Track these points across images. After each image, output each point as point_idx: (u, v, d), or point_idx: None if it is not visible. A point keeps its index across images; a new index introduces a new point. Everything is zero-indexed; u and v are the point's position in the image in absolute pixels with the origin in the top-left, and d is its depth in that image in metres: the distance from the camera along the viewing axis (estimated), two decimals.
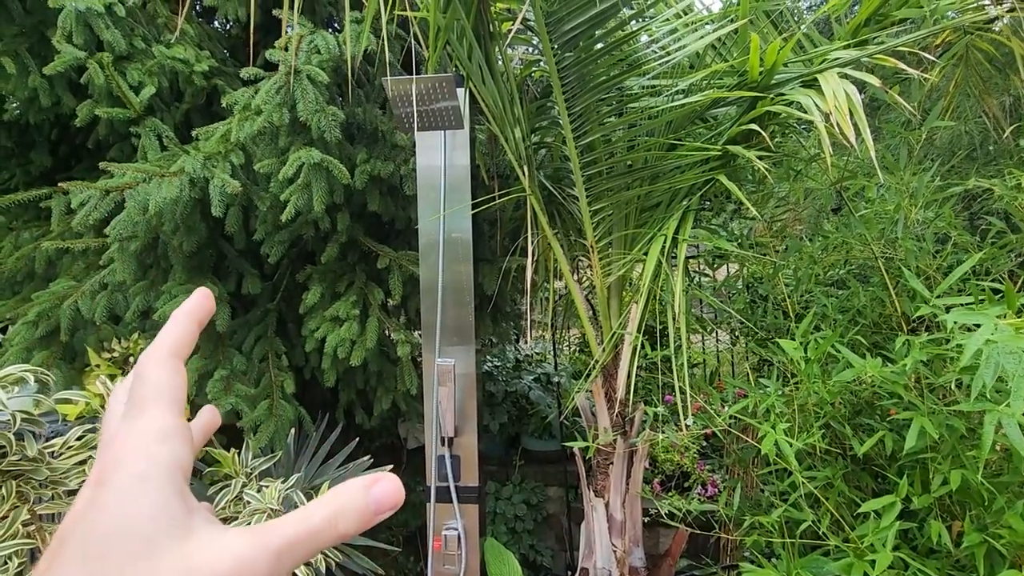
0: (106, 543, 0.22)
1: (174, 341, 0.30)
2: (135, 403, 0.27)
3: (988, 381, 0.86)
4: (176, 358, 0.29)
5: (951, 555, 1.32)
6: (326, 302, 2.16)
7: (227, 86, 2.32)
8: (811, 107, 1.28)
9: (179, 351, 0.29)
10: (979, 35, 2.05)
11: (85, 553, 0.22)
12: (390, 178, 2.06)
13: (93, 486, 0.24)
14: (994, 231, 1.71)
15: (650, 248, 1.54)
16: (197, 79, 2.25)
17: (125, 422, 0.26)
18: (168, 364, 0.28)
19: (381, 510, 0.27)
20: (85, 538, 0.22)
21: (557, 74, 1.47)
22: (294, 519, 0.26)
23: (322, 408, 2.63)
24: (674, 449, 3.50)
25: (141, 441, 0.25)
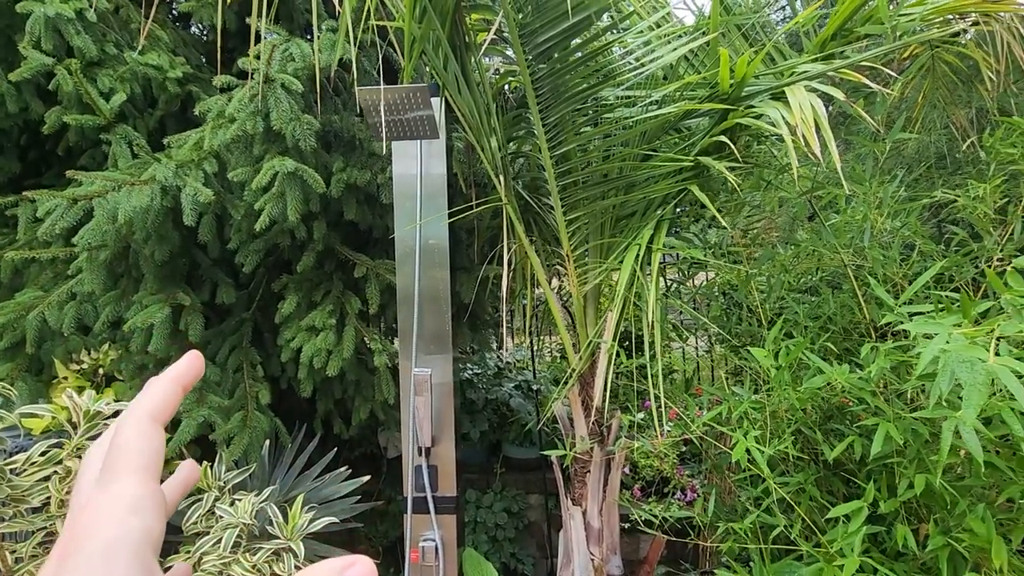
0: None
1: (154, 405, 0.29)
2: (109, 468, 0.26)
3: (944, 389, 0.88)
4: (155, 422, 0.29)
5: (917, 558, 1.34)
6: (302, 311, 2.14)
7: (203, 92, 2.29)
8: (779, 120, 1.30)
9: (159, 415, 0.29)
10: (944, 48, 2.11)
11: None
12: (367, 186, 2.05)
13: (58, 560, 0.24)
14: (957, 240, 1.76)
15: (625, 257, 1.55)
16: (171, 85, 2.23)
17: (98, 488, 0.26)
18: (146, 428, 0.28)
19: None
20: None
21: (531, 85, 1.48)
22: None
23: (299, 419, 2.59)
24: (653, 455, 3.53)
25: (112, 511, 0.25)
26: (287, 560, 1.65)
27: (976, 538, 1.10)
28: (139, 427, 0.28)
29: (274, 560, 1.65)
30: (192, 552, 1.63)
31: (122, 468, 0.26)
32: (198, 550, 1.62)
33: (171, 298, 1.99)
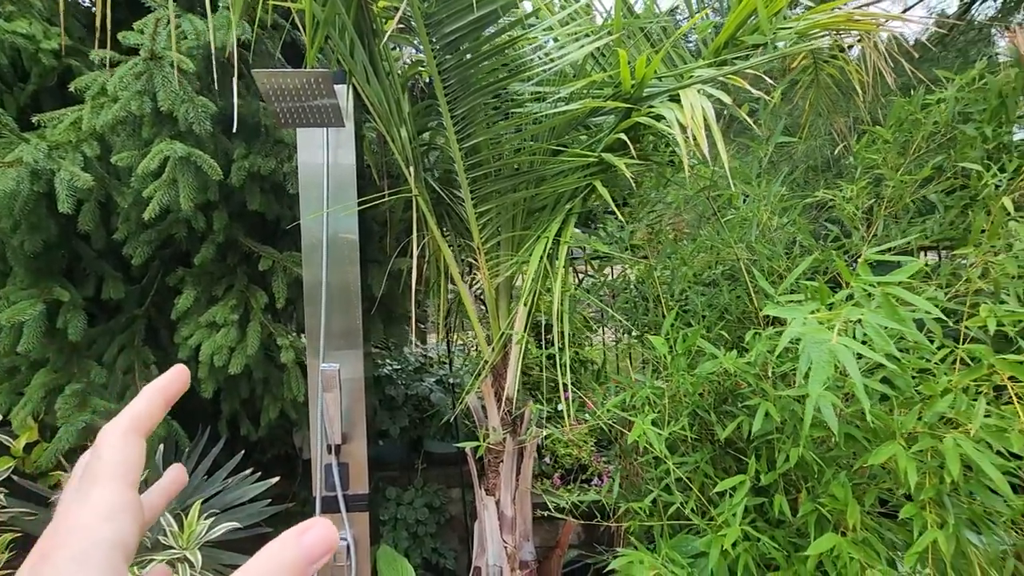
0: None
1: (136, 416, 0.30)
2: (88, 477, 0.27)
3: (803, 368, 0.98)
4: (136, 433, 0.30)
5: (792, 524, 1.47)
6: (201, 307, 2.01)
7: (84, 67, 2.09)
8: (672, 120, 1.38)
9: (140, 426, 0.30)
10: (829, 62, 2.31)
11: None
12: (272, 175, 1.96)
13: (34, 562, 0.25)
14: (832, 236, 1.94)
15: (533, 250, 1.58)
16: (45, 58, 2.02)
17: (77, 496, 0.27)
18: (126, 439, 0.29)
19: (314, 558, 0.26)
20: None
21: (439, 76, 1.47)
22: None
23: (203, 421, 2.44)
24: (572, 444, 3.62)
25: (87, 518, 0.26)
26: (182, 571, 1.55)
27: (836, 502, 1.22)
28: (119, 438, 0.29)
29: None
30: None
31: (100, 477, 0.27)
32: None
33: (45, 293, 1.80)
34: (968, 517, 1.05)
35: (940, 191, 1.91)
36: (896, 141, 1.90)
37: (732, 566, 1.47)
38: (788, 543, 1.49)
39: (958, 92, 1.83)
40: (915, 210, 2.04)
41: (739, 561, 1.43)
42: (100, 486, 0.27)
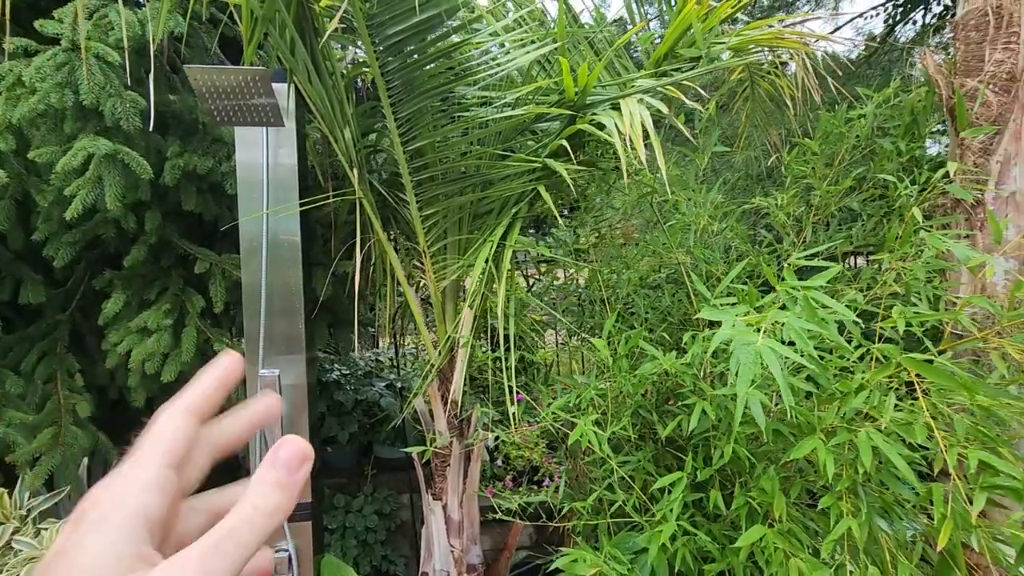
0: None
1: (192, 399, 0.31)
2: (134, 451, 0.28)
3: (734, 368, 1.02)
4: (188, 415, 0.30)
5: (726, 517, 1.53)
6: (132, 311, 1.91)
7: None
8: (612, 127, 1.41)
9: (195, 408, 0.31)
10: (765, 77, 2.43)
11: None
12: (209, 174, 1.88)
13: (70, 525, 0.25)
14: (766, 242, 2.04)
15: (479, 253, 1.59)
16: None
17: (122, 468, 0.27)
18: (177, 419, 0.30)
19: (294, 470, 0.28)
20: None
21: (382, 77, 1.45)
22: (204, 538, 0.26)
23: (136, 432, 2.32)
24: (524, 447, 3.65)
25: (120, 488, 0.26)
26: None
27: (765, 495, 1.28)
28: (169, 417, 0.30)
29: None
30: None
31: (144, 453, 0.28)
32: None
33: None
34: (880, 505, 1.13)
35: (862, 200, 2.04)
36: (823, 153, 2.02)
37: (672, 560, 1.52)
38: (723, 536, 1.55)
39: (876, 108, 1.95)
40: (840, 218, 2.17)
41: (677, 555, 1.48)
42: (139, 461, 0.27)
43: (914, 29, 5.12)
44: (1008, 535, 0.83)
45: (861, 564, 1.01)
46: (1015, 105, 1.64)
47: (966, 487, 0.92)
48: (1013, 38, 1.66)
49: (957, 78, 1.73)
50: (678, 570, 1.53)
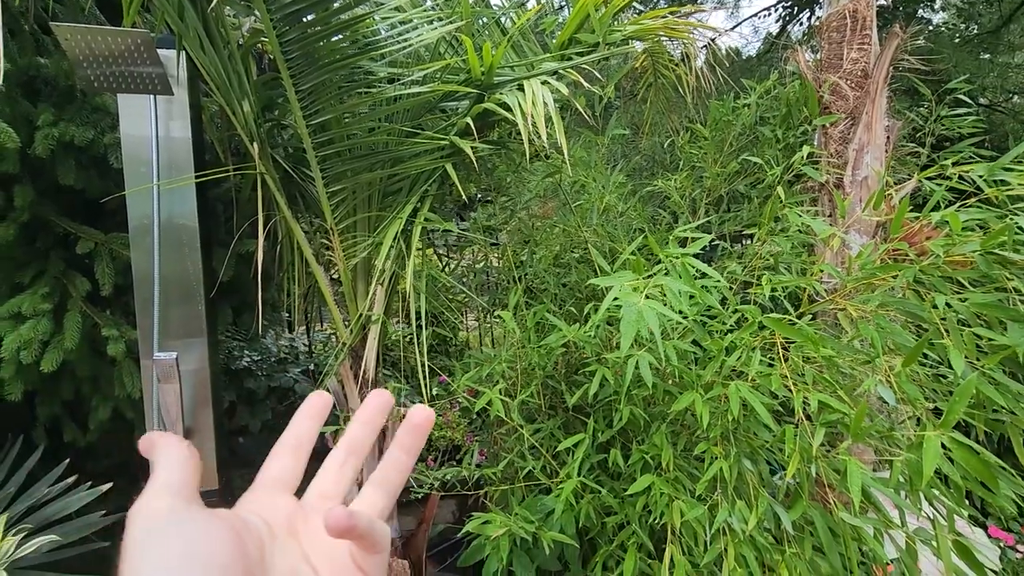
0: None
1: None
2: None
3: (624, 331, 1.11)
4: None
5: (626, 474, 1.66)
6: (2, 296, 1.74)
7: None
8: (516, 106, 1.46)
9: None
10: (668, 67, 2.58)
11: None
12: (91, 147, 1.74)
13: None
14: (664, 221, 2.19)
15: (387, 231, 1.59)
16: None
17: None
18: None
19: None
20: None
21: (279, 48, 1.41)
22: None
23: (14, 430, 2.11)
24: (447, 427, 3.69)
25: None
26: None
27: (656, 448, 1.41)
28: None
29: None
30: None
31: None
32: None
33: None
34: (748, 450, 1.28)
35: (748, 184, 2.24)
36: (713, 139, 2.19)
37: (577, 517, 1.63)
38: (622, 491, 1.68)
39: (758, 99, 2.15)
40: (731, 199, 2.36)
41: (581, 512, 1.59)
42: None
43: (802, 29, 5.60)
44: (840, 462, 0.98)
45: (730, 500, 1.15)
46: (867, 99, 1.87)
47: (811, 426, 1.07)
48: (866, 39, 1.88)
49: (822, 73, 1.94)
50: (582, 525, 1.64)
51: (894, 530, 1.04)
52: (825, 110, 1.96)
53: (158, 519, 0.25)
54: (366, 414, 0.36)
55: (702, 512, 1.17)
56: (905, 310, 1.08)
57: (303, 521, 0.31)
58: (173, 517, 0.26)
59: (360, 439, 0.35)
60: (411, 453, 0.35)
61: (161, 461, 0.29)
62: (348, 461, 0.35)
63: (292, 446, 0.35)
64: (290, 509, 0.31)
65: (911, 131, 2.67)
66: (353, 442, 0.35)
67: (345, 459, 0.35)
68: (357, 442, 0.35)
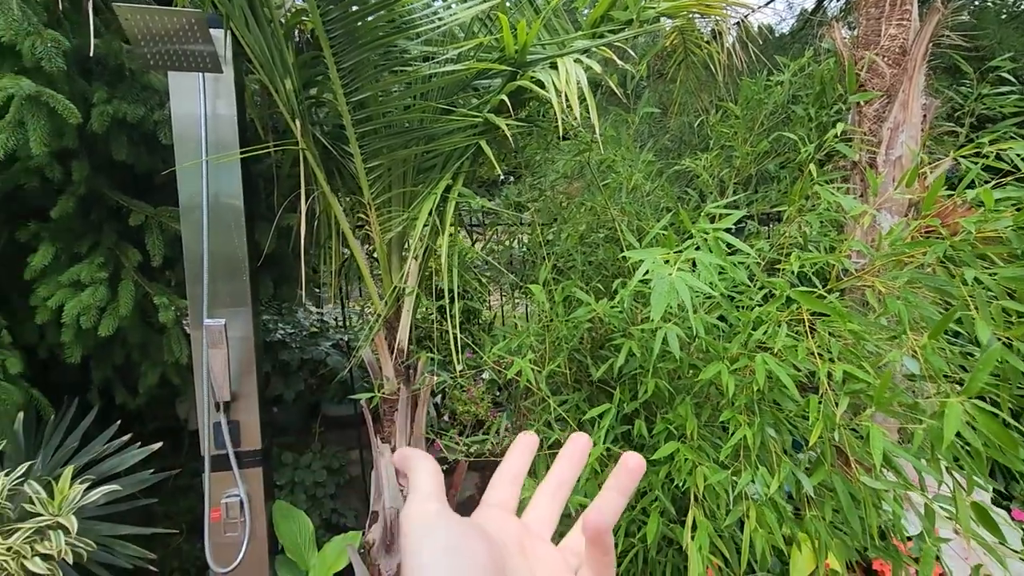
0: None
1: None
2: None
3: (655, 303, 1.16)
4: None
5: (650, 445, 1.71)
6: (62, 265, 1.85)
7: None
8: (549, 84, 1.49)
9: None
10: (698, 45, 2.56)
11: None
12: (141, 124, 1.83)
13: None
14: (691, 200, 2.20)
15: (422, 205, 1.65)
16: None
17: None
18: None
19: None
20: None
21: (323, 27, 1.46)
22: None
23: (71, 392, 2.26)
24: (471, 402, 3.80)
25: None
26: (55, 538, 1.48)
27: (680, 418, 1.46)
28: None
29: (37, 540, 1.47)
30: None
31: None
32: None
33: None
34: (772, 420, 1.32)
35: (777, 164, 2.23)
36: (744, 118, 2.19)
37: (601, 484, 1.69)
38: (647, 461, 1.74)
39: (791, 77, 2.13)
40: (760, 179, 2.36)
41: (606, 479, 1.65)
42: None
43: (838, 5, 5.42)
44: (863, 428, 1.01)
45: (753, 466, 1.20)
46: (904, 77, 1.85)
47: (835, 396, 1.10)
48: (906, 15, 1.85)
49: (858, 50, 1.91)
50: None
51: (914, 493, 1.07)
52: (860, 88, 1.93)
53: (430, 519, 0.31)
54: (571, 452, 0.40)
55: (725, 477, 1.22)
56: (934, 286, 1.10)
57: (529, 542, 0.35)
58: (442, 518, 0.31)
59: (567, 474, 0.40)
60: (624, 493, 0.37)
61: (420, 471, 0.35)
62: (558, 493, 0.39)
63: (510, 477, 0.39)
64: (519, 530, 0.36)
65: (951, 110, 2.61)
66: (562, 475, 0.39)
67: (555, 490, 0.39)
68: (565, 475, 0.39)
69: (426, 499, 0.33)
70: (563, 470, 0.40)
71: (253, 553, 1.80)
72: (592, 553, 0.33)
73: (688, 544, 1.23)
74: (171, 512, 2.93)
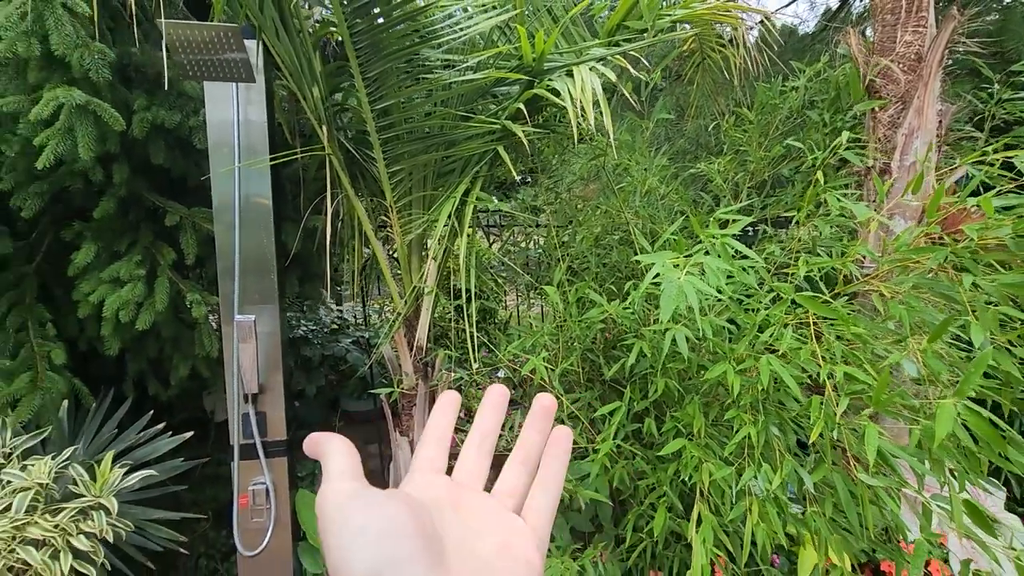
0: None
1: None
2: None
3: (664, 304, 1.21)
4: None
5: (659, 443, 1.76)
6: (102, 262, 1.96)
7: None
8: (565, 93, 1.55)
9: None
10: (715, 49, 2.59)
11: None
12: (177, 129, 1.93)
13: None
14: (705, 203, 2.23)
15: (442, 208, 1.72)
16: None
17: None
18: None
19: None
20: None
21: (350, 38, 1.54)
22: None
23: (106, 383, 2.38)
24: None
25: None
26: (97, 518, 1.59)
27: (688, 416, 1.50)
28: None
29: (81, 519, 1.58)
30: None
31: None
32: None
33: None
34: (776, 420, 1.36)
35: (791, 168, 2.25)
36: (759, 123, 2.21)
37: (611, 480, 1.75)
38: (655, 458, 1.79)
39: (807, 82, 2.15)
40: (774, 183, 2.38)
41: (615, 476, 1.70)
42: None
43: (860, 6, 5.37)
44: (861, 427, 1.05)
45: (757, 463, 1.24)
46: (920, 83, 1.86)
47: (837, 397, 1.14)
48: (922, 21, 1.86)
49: (873, 57, 1.93)
50: (615, 487, 1.75)
51: (909, 491, 1.11)
52: (875, 94, 1.95)
53: (345, 497, 0.30)
54: (492, 402, 0.40)
55: (729, 473, 1.26)
56: (937, 291, 1.13)
57: (459, 496, 0.35)
58: (357, 495, 0.30)
59: (490, 424, 0.40)
60: (544, 433, 0.40)
61: (331, 453, 0.33)
62: (484, 444, 0.39)
63: (436, 437, 0.39)
64: (449, 487, 0.36)
65: (972, 114, 2.60)
66: (485, 426, 0.39)
67: (481, 442, 0.39)
68: (488, 426, 0.40)
69: (338, 479, 0.31)
70: (486, 421, 0.40)
71: (277, 538, 1.89)
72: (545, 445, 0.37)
73: (693, 537, 1.27)
74: (198, 500, 3.06)
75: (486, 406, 0.40)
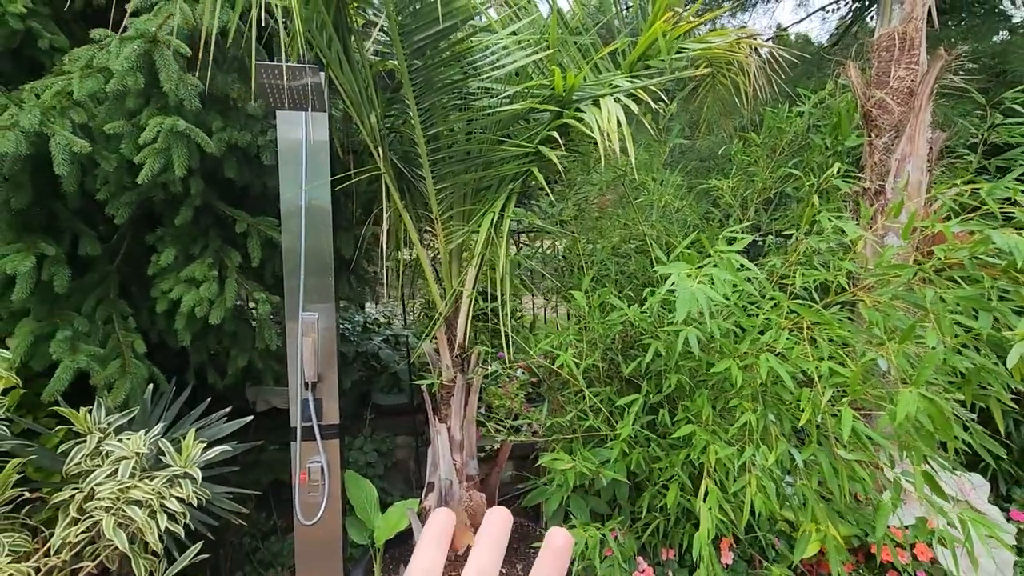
0: None
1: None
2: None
3: (678, 310, 1.43)
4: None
5: (672, 433, 1.98)
6: (180, 264, 2.23)
7: (44, 30, 2.19)
8: (592, 123, 1.78)
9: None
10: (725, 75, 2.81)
11: None
12: (248, 147, 2.19)
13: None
14: (716, 218, 2.46)
15: (482, 221, 1.96)
16: (12, 21, 2.11)
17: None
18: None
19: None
20: None
21: (408, 76, 1.78)
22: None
23: (169, 372, 2.64)
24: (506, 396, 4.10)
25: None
26: (185, 486, 1.84)
27: (697, 406, 1.73)
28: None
29: (170, 486, 1.83)
30: (82, 486, 1.75)
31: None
32: (90, 483, 1.74)
33: (32, 247, 1.96)
34: (775, 408, 1.58)
35: (796, 188, 2.47)
36: (766, 144, 2.43)
37: (628, 465, 1.97)
38: (669, 446, 2.01)
39: (811, 108, 2.37)
40: (780, 200, 2.60)
41: (633, 460, 1.93)
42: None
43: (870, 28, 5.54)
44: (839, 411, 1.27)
45: (755, 444, 1.46)
46: (911, 114, 2.07)
47: (823, 388, 1.36)
48: (914, 59, 2.08)
49: (870, 89, 2.14)
50: (632, 471, 1.98)
51: (885, 467, 1.33)
52: (872, 123, 2.16)
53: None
54: (488, 532, 0.36)
55: (732, 452, 1.48)
56: (909, 301, 1.35)
57: None
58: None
59: (486, 560, 0.35)
60: (559, 572, 0.36)
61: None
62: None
63: (423, 569, 0.35)
64: None
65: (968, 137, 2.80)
66: (481, 562, 0.35)
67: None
68: (484, 563, 0.35)
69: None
70: (483, 557, 0.35)
71: (330, 511, 2.14)
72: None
73: (701, 507, 1.50)
74: (242, 483, 3.32)
75: (484, 538, 0.36)
